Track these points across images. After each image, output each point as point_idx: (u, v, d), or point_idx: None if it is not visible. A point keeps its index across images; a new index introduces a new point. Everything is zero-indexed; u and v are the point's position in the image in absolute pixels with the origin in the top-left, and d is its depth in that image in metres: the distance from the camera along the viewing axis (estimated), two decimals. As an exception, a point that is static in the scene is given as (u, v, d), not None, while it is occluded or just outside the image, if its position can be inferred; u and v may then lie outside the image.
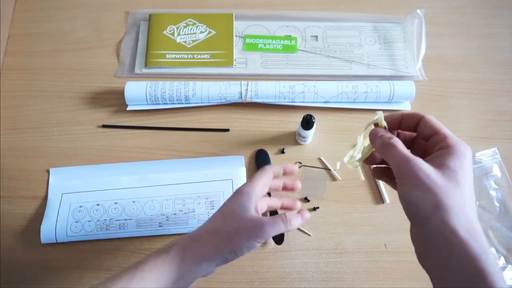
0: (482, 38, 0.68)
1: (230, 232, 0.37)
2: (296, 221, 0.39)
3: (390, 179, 0.38)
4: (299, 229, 0.54)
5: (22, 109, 0.62)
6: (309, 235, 0.54)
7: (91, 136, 0.60)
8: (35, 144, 0.59)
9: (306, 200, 0.55)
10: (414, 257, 0.53)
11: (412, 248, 0.53)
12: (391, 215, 0.55)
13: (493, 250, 0.52)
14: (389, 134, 0.34)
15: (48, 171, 0.57)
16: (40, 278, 0.52)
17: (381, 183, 0.56)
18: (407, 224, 0.54)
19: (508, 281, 0.51)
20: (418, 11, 0.66)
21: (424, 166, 0.30)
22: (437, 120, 0.33)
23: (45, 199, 0.55)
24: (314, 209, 0.55)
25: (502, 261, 0.52)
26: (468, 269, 0.27)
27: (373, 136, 0.35)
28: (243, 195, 0.39)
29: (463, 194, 0.29)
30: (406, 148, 0.32)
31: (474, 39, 0.68)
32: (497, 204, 0.55)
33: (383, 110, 0.61)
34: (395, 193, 0.55)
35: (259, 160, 0.57)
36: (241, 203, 0.39)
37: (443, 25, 0.69)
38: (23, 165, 0.58)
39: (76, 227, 0.53)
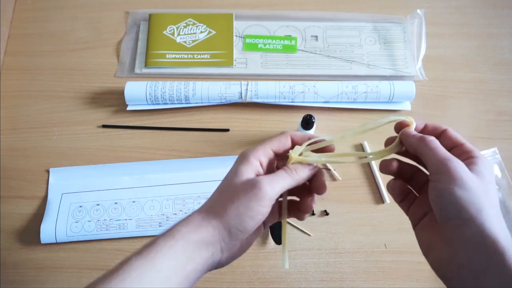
0: (482, 38, 0.68)
1: (225, 204, 0.31)
2: (303, 170, 0.33)
3: (407, 199, 0.35)
4: (299, 229, 0.54)
5: (22, 109, 0.62)
6: (309, 235, 0.54)
7: (91, 136, 0.60)
8: (35, 144, 0.59)
9: (313, 214, 0.55)
10: (414, 257, 0.53)
11: (412, 248, 0.53)
12: (391, 215, 0.55)
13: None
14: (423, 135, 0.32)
15: (48, 171, 0.57)
16: (40, 278, 0.52)
17: (381, 183, 0.56)
18: (407, 224, 0.54)
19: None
20: (418, 11, 0.66)
21: (465, 168, 0.29)
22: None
23: (45, 199, 0.55)
24: (327, 213, 0.55)
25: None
26: (509, 278, 0.26)
27: (406, 134, 0.33)
28: (240, 161, 0.33)
29: (497, 203, 0.29)
30: None
31: (474, 39, 0.68)
32: (497, 204, 0.55)
33: (383, 110, 0.61)
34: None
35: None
36: (238, 169, 0.32)
37: (443, 25, 0.69)
38: (23, 165, 0.58)
39: (76, 227, 0.53)
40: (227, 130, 0.60)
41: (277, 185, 0.31)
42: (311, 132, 0.55)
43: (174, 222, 0.52)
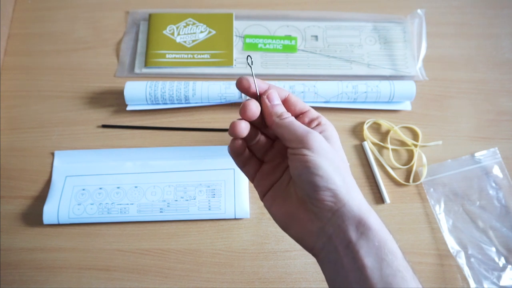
0: (482, 38, 0.68)
1: None
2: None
3: (249, 164, 0.36)
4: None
5: (22, 109, 0.62)
6: (309, 235, 0.54)
7: (91, 136, 0.60)
8: (35, 144, 0.59)
9: None
10: (414, 257, 0.53)
11: (412, 248, 0.53)
12: (391, 215, 0.55)
13: (493, 250, 0.52)
14: (282, 108, 0.33)
15: (52, 154, 0.58)
16: (40, 278, 0.52)
17: (381, 183, 0.56)
18: (407, 224, 0.55)
19: (508, 281, 0.51)
20: (419, 11, 0.66)
21: (322, 139, 0.31)
22: None
23: (44, 199, 0.55)
24: None
25: (502, 261, 0.52)
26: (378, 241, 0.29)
27: (266, 107, 0.33)
28: None
29: (347, 166, 0.33)
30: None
31: (474, 39, 0.68)
32: (497, 204, 0.55)
33: (383, 110, 0.61)
34: (395, 192, 0.56)
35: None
36: None
37: (443, 25, 0.69)
38: (23, 165, 0.58)
39: (78, 209, 0.53)
40: (227, 130, 0.60)
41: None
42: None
43: (175, 208, 0.53)
